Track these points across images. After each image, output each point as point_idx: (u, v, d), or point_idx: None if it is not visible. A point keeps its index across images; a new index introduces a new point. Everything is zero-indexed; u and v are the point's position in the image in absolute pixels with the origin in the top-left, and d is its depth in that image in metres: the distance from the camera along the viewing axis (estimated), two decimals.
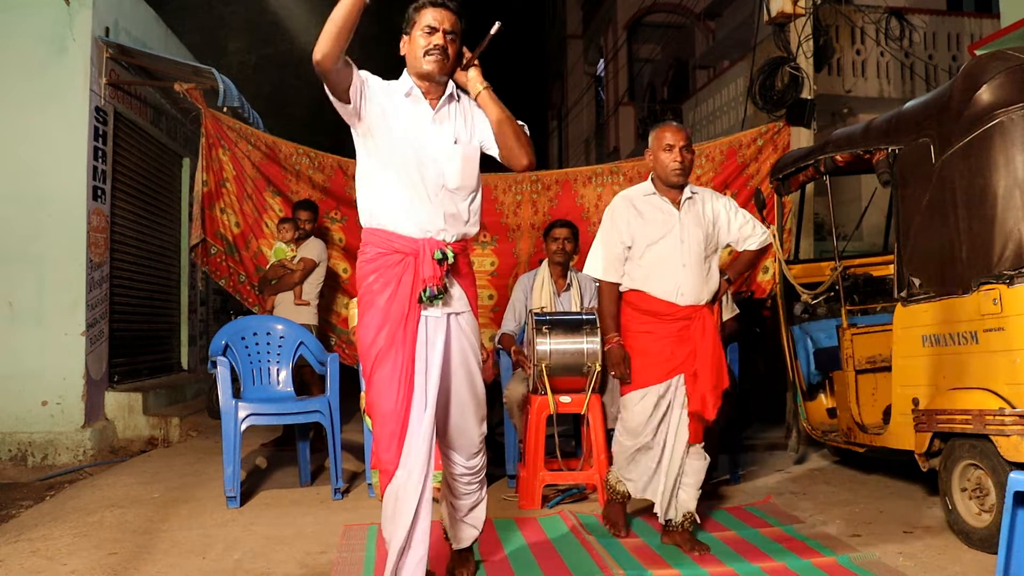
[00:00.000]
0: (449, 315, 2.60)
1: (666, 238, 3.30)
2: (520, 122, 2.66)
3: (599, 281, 3.44)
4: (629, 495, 3.49)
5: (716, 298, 3.40)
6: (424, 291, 2.49)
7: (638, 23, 17.77)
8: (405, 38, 2.64)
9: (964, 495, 3.32)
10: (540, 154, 25.40)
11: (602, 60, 19.87)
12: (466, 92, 2.68)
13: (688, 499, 3.34)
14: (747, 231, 3.45)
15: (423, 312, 2.53)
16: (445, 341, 2.57)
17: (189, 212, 7.56)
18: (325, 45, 2.37)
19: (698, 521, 3.39)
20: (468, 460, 2.74)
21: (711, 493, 4.27)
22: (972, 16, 11.94)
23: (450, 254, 2.54)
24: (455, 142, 2.61)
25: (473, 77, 2.63)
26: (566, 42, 22.66)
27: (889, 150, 3.81)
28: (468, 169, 2.62)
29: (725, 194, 5.94)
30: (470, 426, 2.70)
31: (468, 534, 2.87)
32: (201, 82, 6.31)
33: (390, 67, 2.70)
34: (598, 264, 3.41)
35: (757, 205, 5.06)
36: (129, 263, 6.89)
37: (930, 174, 3.51)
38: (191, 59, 7.89)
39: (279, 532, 3.62)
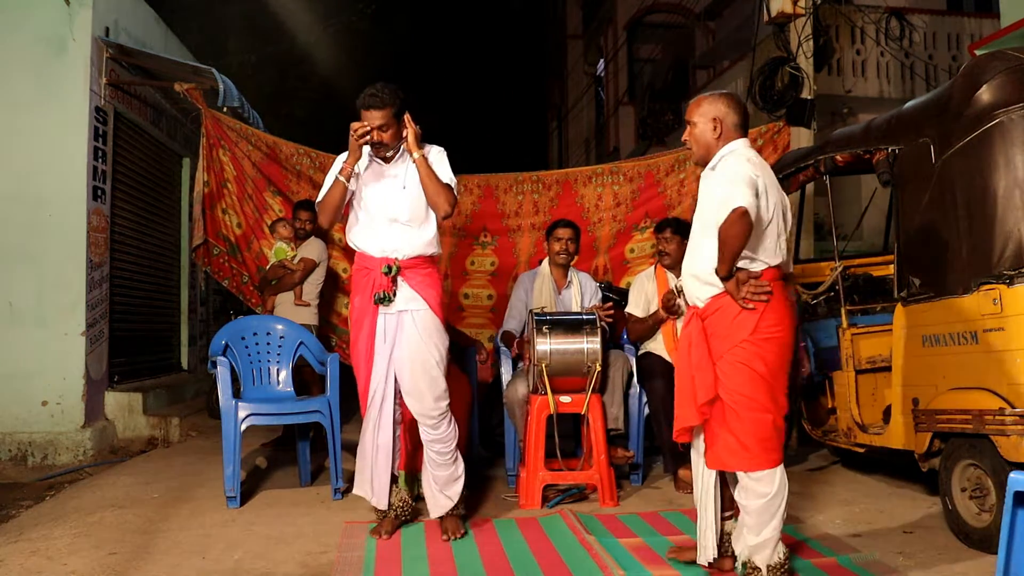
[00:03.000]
0: (401, 312, 3.44)
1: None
2: (447, 181, 3.43)
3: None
4: None
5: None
6: (376, 294, 3.41)
7: (638, 23, 17.75)
8: None
9: (964, 495, 3.32)
10: (540, 154, 25.48)
11: (602, 60, 19.86)
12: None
13: (738, 540, 2.81)
14: None
15: (380, 310, 3.44)
16: (395, 330, 3.45)
17: (189, 212, 7.56)
18: (323, 221, 3.61)
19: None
20: (431, 428, 3.48)
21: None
22: (972, 16, 11.93)
23: (395, 268, 3.41)
24: (403, 187, 3.44)
25: (411, 145, 3.40)
26: (566, 42, 22.63)
27: (889, 150, 3.81)
28: (415, 207, 3.44)
29: None
30: (422, 395, 3.45)
31: (441, 503, 3.54)
32: (201, 82, 6.30)
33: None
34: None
35: None
36: (129, 263, 6.89)
37: (930, 174, 3.51)
38: (191, 59, 7.89)
39: (279, 532, 3.62)
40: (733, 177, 2.67)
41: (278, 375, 4.68)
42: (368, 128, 3.31)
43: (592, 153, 20.27)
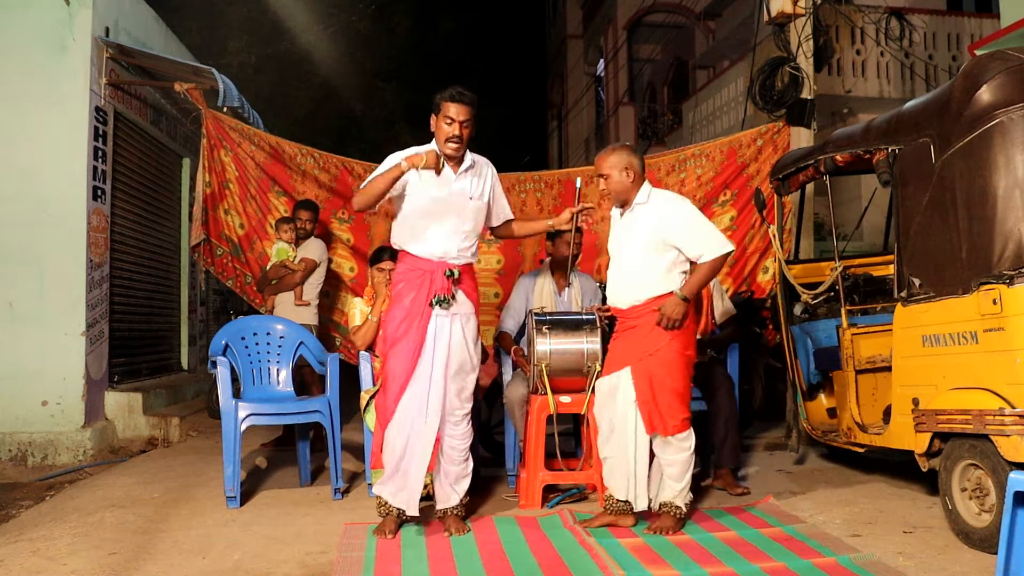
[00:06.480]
0: (453, 316, 3.53)
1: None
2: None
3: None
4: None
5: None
6: (435, 297, 3.48)
7: (638, 23, 17.76)
8: (434, 117, 3.53)
9: (964, 495, 3.32)
10: (540, 154, 25.46)
11: (602, 60, 19.86)
12: (478, 155, 3.70)
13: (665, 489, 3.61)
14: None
15: (433, 312, 3.50)
16: (449, 334, 3.51)
17: (189, 212, 7.56)
18: (359, 206, 3.57)
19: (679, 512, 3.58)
20: (453, 425, 3.59)
21: (709, 493, 4.28)
22: (972, 16, 11.95)
23: (456, 273, 3.52)
24: (471, 198, 3.59)
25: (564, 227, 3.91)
26: (566, 42, 22.63)
27: (889, 150, 3.81)
28: (479, 217, 3.66)
29: (725, 194, 6.04)
30: (454, 394, 3.58)
31: (450, 496, 3.60)
32: (201, 82, 6.30)
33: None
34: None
35: (757, 205, 5.06)
36: (129, 263, 6.89)
37: (930, 174, 3.51)
38: (191, 59, 7.89)
39: (279, 532, 3.62)
40: (706, 221, 3.59)
41: (278, 375, 4.69)
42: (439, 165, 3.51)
43: (592, 153, 20.22)
